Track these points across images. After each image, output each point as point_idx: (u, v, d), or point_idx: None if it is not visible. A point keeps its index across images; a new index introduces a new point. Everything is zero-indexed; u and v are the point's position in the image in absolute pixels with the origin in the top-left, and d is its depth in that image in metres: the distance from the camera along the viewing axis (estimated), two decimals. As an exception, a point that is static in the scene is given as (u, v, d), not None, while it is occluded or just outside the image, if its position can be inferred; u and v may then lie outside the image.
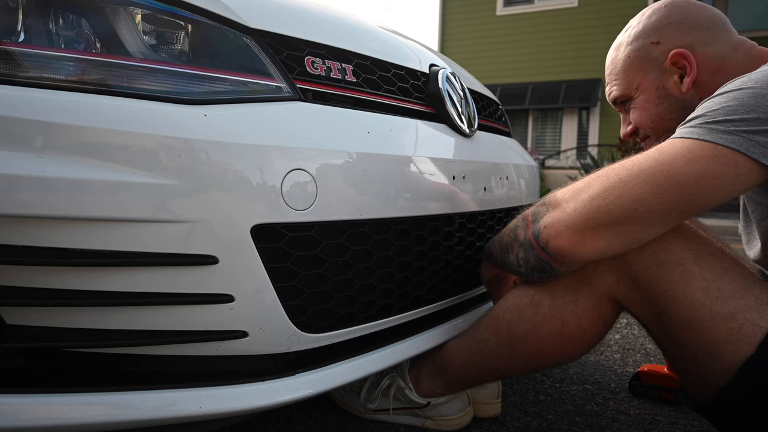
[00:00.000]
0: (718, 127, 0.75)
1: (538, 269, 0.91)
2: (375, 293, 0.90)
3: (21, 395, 0.67)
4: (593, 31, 10.57)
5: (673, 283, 0.82)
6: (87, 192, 0.65)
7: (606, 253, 0.83)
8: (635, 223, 0.79)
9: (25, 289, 0.67)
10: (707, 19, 0.94)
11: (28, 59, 0.67)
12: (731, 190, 0.75)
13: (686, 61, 0.92)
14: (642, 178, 0.77)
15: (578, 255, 0.83)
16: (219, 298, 0.73)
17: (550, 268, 0.89)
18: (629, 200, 0.78)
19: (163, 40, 0.77)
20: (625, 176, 0.79)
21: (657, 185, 0.76)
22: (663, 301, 0.83)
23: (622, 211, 0.78)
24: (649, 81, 0.97)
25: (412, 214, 0.93)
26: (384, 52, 1.03)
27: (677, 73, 0.94)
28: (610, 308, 0.91)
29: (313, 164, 0.77)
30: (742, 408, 0.81)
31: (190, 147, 0.69)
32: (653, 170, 0.77)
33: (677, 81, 0.94)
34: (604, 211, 0.80)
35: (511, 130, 1.57)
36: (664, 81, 0.95)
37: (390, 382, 1.10)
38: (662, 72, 0.95)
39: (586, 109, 11.19)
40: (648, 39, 0.96)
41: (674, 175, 0.75)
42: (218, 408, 0.72)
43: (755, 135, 0.73)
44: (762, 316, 0.77)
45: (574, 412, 1.22)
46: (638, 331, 1.84)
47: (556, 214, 0.85)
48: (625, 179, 0.78)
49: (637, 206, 0.77)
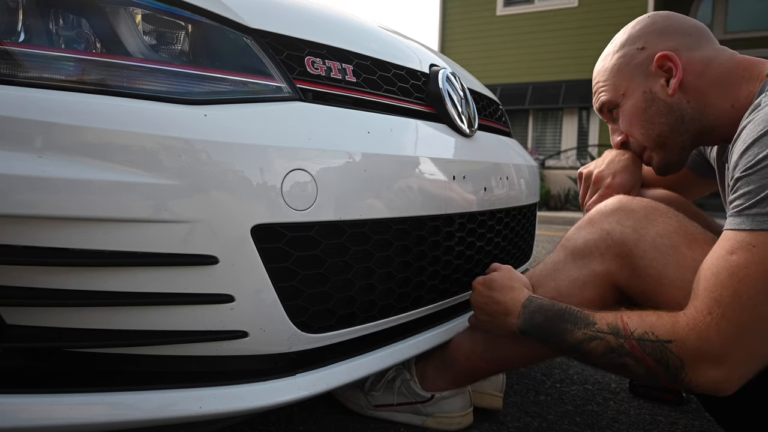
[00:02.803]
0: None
1: (615, 366, 0.83)
2: (375, 293, 0.90)
3: (21, 395, 0.67)
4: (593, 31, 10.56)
5: (668, 267, 0.84)
6: (87, 192, 0.65)
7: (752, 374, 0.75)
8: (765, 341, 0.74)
9: (25, 289, 0.67)
10: (690, 26, 0.96)
11: (28, 59, 0.67)
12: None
13: (671, 63, 0.92)
14: (750, 296, 0.71)
15: (727, 390, 0.75)
16: (219, 298, 0.73)
17: (654, 378, 0.81)
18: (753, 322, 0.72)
19: (163, 40, 0.77)
20: (744, 292, 0.72)
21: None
22: (659, 285, 0.85)
23: (754, 338, 0.73)
24: (636, 85, 0.97)
25: (412, 214, 0.93)
26: (384, 52, 1.03)
27: (663, 77, 0.94)
28: (612, 297, 0.92)
29: (313, 164, 0.77)
30: (747, 404, 0.81)
31: (190, 147, 0.69)
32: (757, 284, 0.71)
33: (663, 84, 0.94)
34: (742, 341, 0.73)
35: (511, 130, 1.57)
36: (651, 85, 0.95)
37: (395, 374, 1.11)
38: (648, 76, 0.95)
39: (587, 109, 11.18)
40: (633, 45, 0.97)
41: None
42: (219, 408, 0.72)
43: None
44: None
45: (574, 412, 1.22)
46: (638, 331, 1.84)
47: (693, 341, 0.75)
48: (738, 304, 0.72)
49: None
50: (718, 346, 0.73)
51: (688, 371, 0.75)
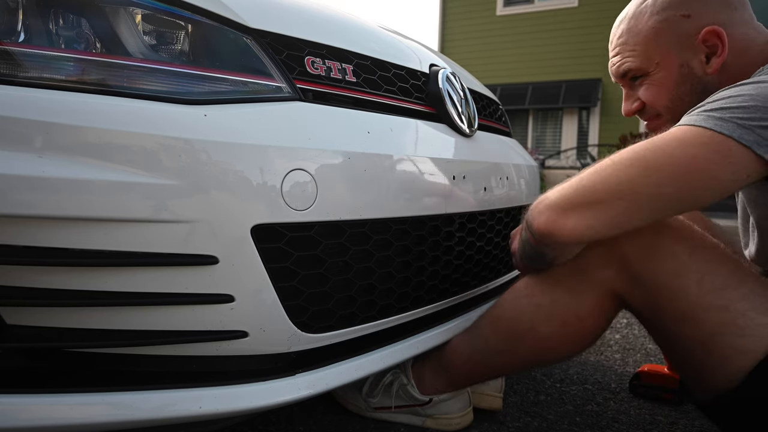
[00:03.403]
0: (714, 114, 0.74)
1: (532, 258, 0.91)
2: (375, 293, 0.90)
3: (21, 395, 0.67)
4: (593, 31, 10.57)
5: (668, 275, 0.82)
6: (87, 192, 0.65)
7: (585, 234, 0.80)
8: (619, 205, 0.77)
9: (25, 289, 0.67)
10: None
11: (28, 59, 0.67)
12: (724, 179, 0.73)
13: (719, 41, 0.85)
14: (633, 160, 0.76)
15: (557, 234, 0.81)
16: (219, 298, 0.73)
17: (540, 254, 0.88)
18: (616, 181, 0.76)
19: (163, 40, 0.77)
20: (617, 159, 0.78)
21: (645, 167, 0.75)
22: (658, 294, 0.84)
23: (605, 191, 0.77)
24: (673, 57, 0.89)
25: (413, 214, 0.93)
26: (384, 52, 1.03)
27: (704, 52, 0.87)
28: (608, 304, 0.91)
29: (313, 164, 0.77)
30: (747, 409, 0.81)
31: (190, 147, 0.69)
32: (645, 153, 0.76)
33: (703, 60, 0.87)
34: (588, 190, 0.78)
35: (511, 130, 1.57)
36: (689, 58, 0.88)
37: (393, 378, 1.11)
38: (687, 48, 0.87)
39: (586, 108, 11.19)
40: (677, 11, 0.88)
41: (665, 158, 0.74)
42: (219, 408, 0.72)
43: (750, 122, 0.71)
44: (755, 308, 0.78)
45: (574, 412, 1.22)
46: (638, 331, 1.84)
47: (543, 195, 0.85)
48: (617, 161, 0.78)
49: (623, 186, 0.76)
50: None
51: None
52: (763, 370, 0.76)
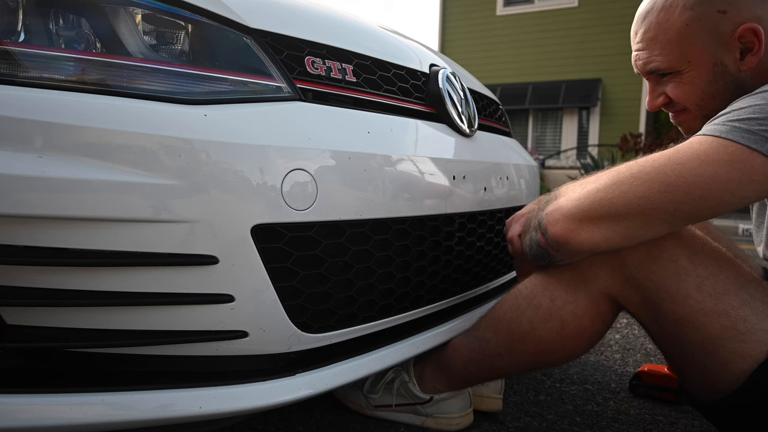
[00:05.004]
0: (740, 126, 0.72)
1: (538, 256, 0.91)
2: (375, 293, 0.90)
3: (21, 395, 0.67)
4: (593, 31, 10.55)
5: (667, 279, 0.82)
6: (87, 192, 0.65)
7: (600, 246, 0.82)
8: (637, 220, 0.78)
9: (25, 289, 0.67)
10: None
11: (28, 59, 0.67)
12: (745, 195, 0.73)
13: (756, 38, 0.82)
14: (653, 175, 0.76)
15: (573, 244, 0.82)
16: (219, 298, 0.73)
17: (548, 255, 0.89)
18: (635, 196, 0.76)
19: (163, 40, 0.77)
20: (637, 172, 0.77)
21: (666, 183, 0.74)
22: (657, 298, 0.83)
23: (625, 206, 0.77)
24: (707, 55, 0.85)
25: (413, 214, 0.93)
26: (384, 52, 1.03)
27: (739, 49, 0.84)
28: (608, 307, 0.91)
29: (313, 164, 0.77)
30: (747, 413, 0.81)
31: (190, 147, 0.69)
32: (665, 168, 0.75)
33: (737, 58, 0.84)
34: (606, 203, 0.79)
35: (511, 130, 1.57)
36: (723, 56, 0.84)
37: (394, 376, 1.11)
38: (722, 45, 0.84)
39: (587, 109, 11.17)
40: (713, 6, 0.83)
41: (685, 176, 0.74)
42: (218, 408, 0.72)
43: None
44: (756, 313, 0.77)
45: (574, 412, 1.22)
46: (638, 331, 1.84)
47: (560, 202, 0.85)
48: (636, 174, 0.77)
49: (642, 202, 0.76)
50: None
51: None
52: (764, 374, 0.76)
